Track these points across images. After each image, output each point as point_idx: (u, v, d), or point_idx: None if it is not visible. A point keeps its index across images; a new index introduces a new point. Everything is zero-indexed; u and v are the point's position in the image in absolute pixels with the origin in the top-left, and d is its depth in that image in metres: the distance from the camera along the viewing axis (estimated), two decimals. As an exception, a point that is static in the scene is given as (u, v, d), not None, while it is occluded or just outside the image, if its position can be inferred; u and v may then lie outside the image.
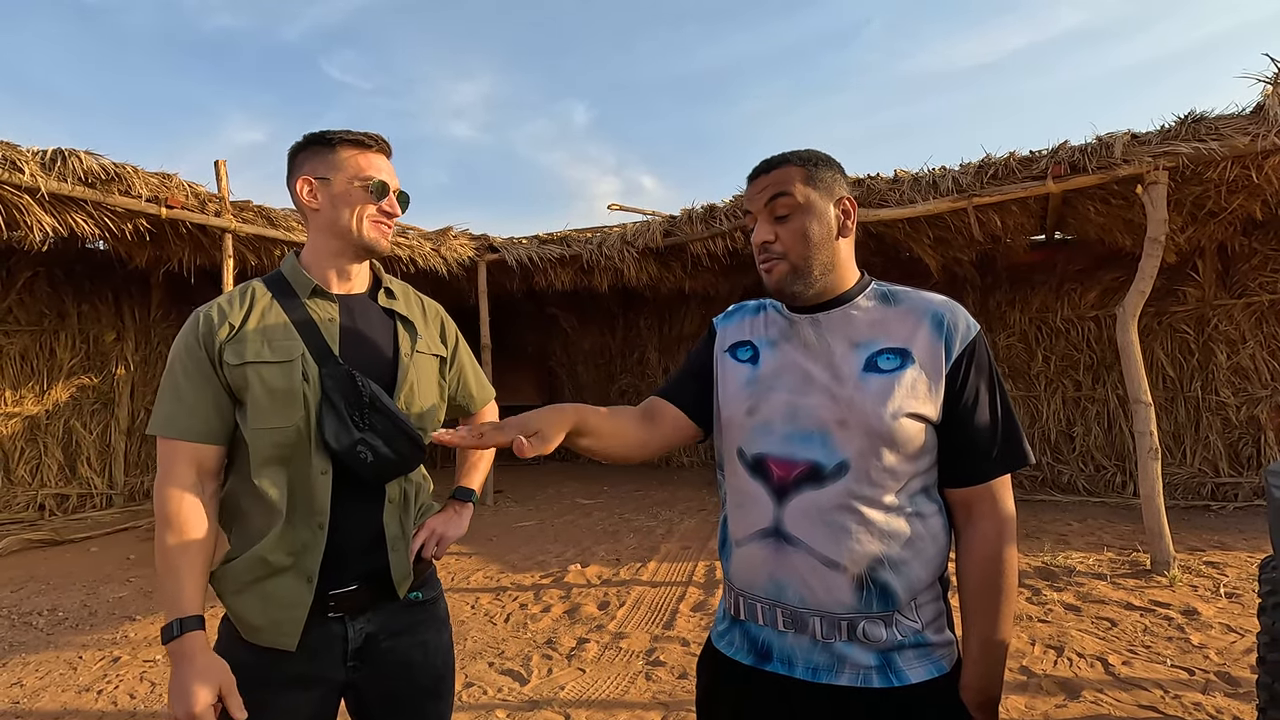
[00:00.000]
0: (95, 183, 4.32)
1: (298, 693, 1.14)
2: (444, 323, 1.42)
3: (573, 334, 10.16)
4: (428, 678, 1.27)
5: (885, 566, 0.97)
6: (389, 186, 1.25)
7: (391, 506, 1.23)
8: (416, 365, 1.29)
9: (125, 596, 4.20)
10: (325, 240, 1.25)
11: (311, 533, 1.14)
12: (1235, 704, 2.46)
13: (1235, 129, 4.03)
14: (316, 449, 1.15)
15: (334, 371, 1.16)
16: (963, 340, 1.02)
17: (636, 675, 2.91)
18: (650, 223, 6.63)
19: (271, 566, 1.13)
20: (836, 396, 1.00)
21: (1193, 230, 5.28)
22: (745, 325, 1.17)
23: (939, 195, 4.97)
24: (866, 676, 0.97)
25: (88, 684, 2.98)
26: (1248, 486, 5.79)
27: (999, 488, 1.02)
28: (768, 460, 1.02)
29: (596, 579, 4.33)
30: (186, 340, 1.16)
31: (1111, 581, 3.85)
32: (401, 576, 1.23)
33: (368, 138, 1.25)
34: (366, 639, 1.20)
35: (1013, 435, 1.02)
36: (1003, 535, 1.01)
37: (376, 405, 1.17)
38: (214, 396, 1.15)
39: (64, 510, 6.73)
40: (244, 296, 1.21)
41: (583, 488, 7.60)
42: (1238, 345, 5.97)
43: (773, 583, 1.01)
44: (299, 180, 1.23)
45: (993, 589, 1.00)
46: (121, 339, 7.28)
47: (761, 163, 1.09)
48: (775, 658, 1.02)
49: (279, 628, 1.13)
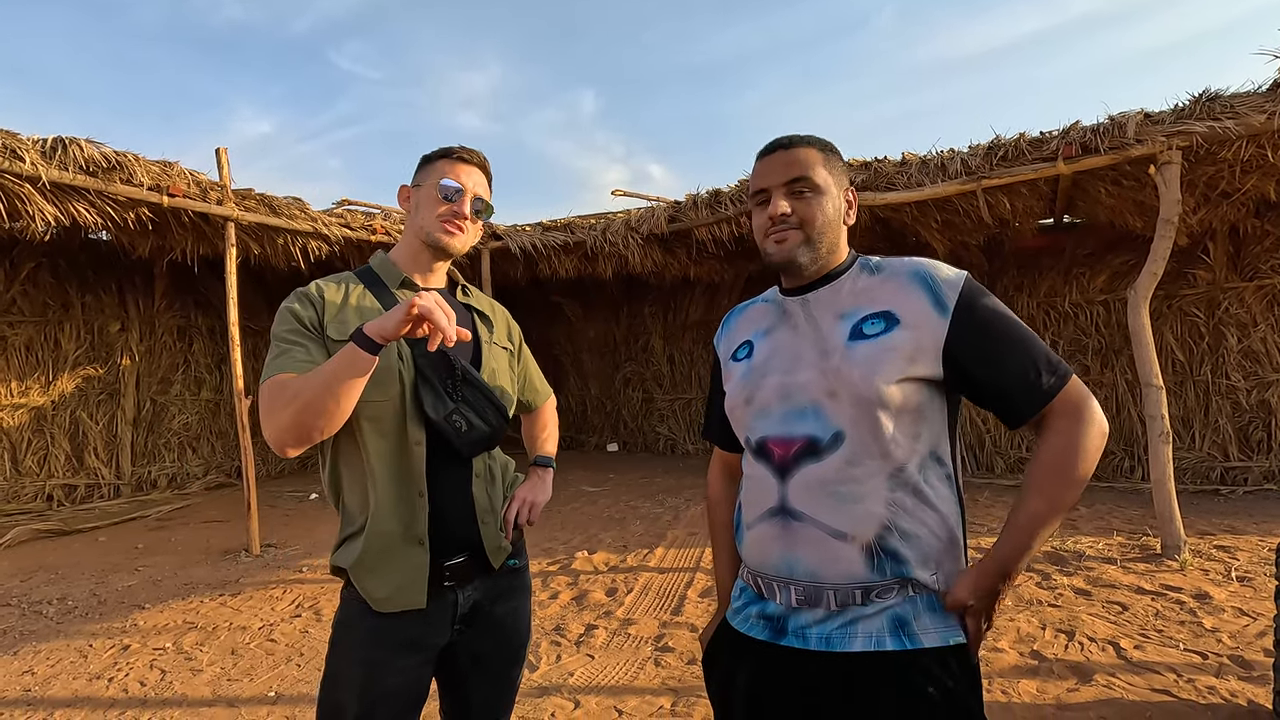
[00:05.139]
0: (96, 171, 4.29)
1: (410, 655, 1.23)
2: (510, 323, 1.54)
3: (577, 322, 10.14)
4: (515, 642, 1.38)
5: (894, 534, 0.96)
6: (463, 190, 1.32)
7: (479, 480, 1.31)
8: (493, 353, 1.40)
9: (134, 585, 4.22)
10: (409, 238, 1.36)
11: (414, 500, 1.23)
12: (1249, 687, 2.44)
13: (1251, 107, 3.96)
14: (412, 421, 1.23)
15: (425, 350, 1.21)
16: (953, 288, 1.02)
17: (645, 661, 2.91)
18: (655, 209, 6.57)
19: (387, 536, 1.21)
20: (824, 369, 1.01)
21: (1204, 212, 5.21)
22: (740, 327, 1.21)
23: (947, 178, 4.90)
24: (880, 640, 0.96)
25: (98, 672, 2.99)
26: (1258, 470, 5.76)
27: (1068, 400, 0.98)
28: (768, 442, 1.05)
29: (604, 566, 4.33)
30: (293, 308, 1.23)
31: (1122, 566, 3.83)
32: (494, 547, 1.32)
33: (460, 150, 1.34)
34: (474, 606, 1.30)
35: (1048, 355, 1.00)
36: (1081, 425, 0.96)
37: (468, 378, 1.28)
38: (321, 357, 1.20)
39: (72, 501, 6.76)
40: (340, 283, 1.31)
41: (589, 475, 7.60)
42: (1248, 328, 5.91)
43: (784, 560, 1.01)
44: (400, 187, 1.37)
45: (1058, 472, 0.95)
46: (126, 329, 7.29)
47: (777, 141, 1.11)
48: (790, 631, 1.01)
49: (406, 591, 1.22)
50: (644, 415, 9.65)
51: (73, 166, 4.19)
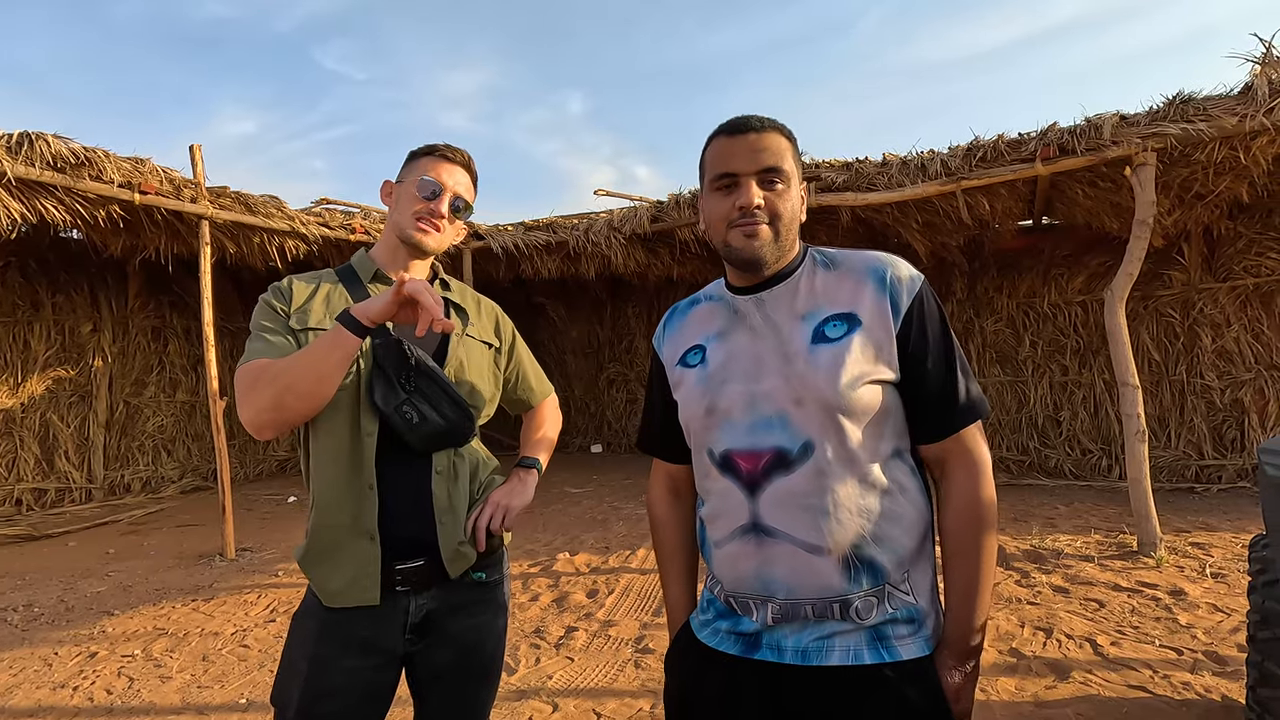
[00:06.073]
0: (65, 167, 4.18)
1: (357, 657, 1.19)
2: (499, 319, 1.51)
3: (561, 323, 10.09)
4: (477, 661, 1.30)
5: (869, 542, 0.93)
6: (442, 189, 1.30)
7: (440, 478, 1.26)
8: (466, 346, 1.35)
9: (104, 591, 4.12)
10: (388, 235, 1.35)
11: (363, 492, 1.21)
12: (1223, 682, 2.46)
13: (1224, 109, 4.02)
14: (365, 411, 1.21)
15: (385, 340, 1.23)
16: (909, 293, 0.99)
17: (625, 663, 2.88)
18: (637, 208, 6.54)
19: (336, 527, 1.20)
20: (788, 376, 0.96)
21: (1179, 213, 5.28)
22: (687, 329, 1.12)
23: (927, 179, 4.93)
24: (858, 653, 0.93)
25: (63, 680, 2.90)
26: (1231, 469, 5.85)
27: (970, 438, 0.99)
28: (733, 455, 0.99)
29: (585, 567, 4.29)
30: (269, 300, 1.27)
31: (1099, 563, 3.86)
32: (452, 553, 1.25)
33: (444, 148, 1.33)
34: (426, 615, 1.24)
35: (973, 384, 1.00)
36: (978, 479, 0.97)
37: (422, 369, 1.24)
38: (294, 348, 1.22)
39: (42, 505, 6.60)
40: (313, 278, 1.32)
41: (573, 476, 7.56)
42: (1222, 329, 6.01)
43: (759, 579, 0.97)
44: (384, 182, 1.37)
45: (972, 531, 0.96)
46: (99, 330, 7.14)
47: (746, 121, 1.01)
48: (764, 645, 0.98)
49: (358, 584, 1.19)
50: (628, 416, 9.62)
51: (39, 162, 4.08)
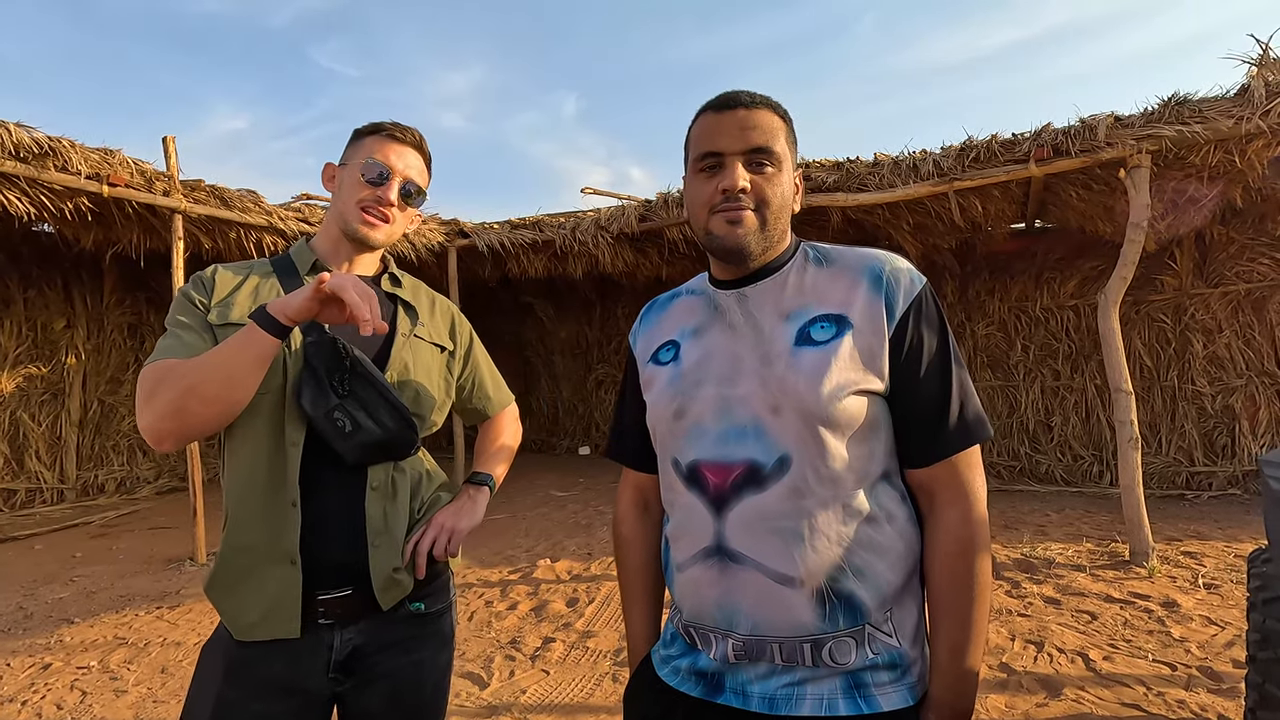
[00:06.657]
0: (28, 157, 4.02)
1: (275, 699, 1.05)
2: (455, 320, 1.37)
3: (549, 323, 9.97)
4: (414, 701, 1.15)
5: (847, 574, 0.82)
6: (390, 173, 1.18)
7: (375, 494, 1.12)
8: (413, 348, 1.23)
9: (65, 598, 3.97)
10: (329, 224, 1.23)
11: (284, 510, 1.06)
12: (1219, 701, 2.38)
13: (1219, 111, 3.95)
14: (291, 419, 1.08)
15: (319, 339, 1.10)
16: (906, 296, 0.88)
17: (603, 677, 2.77)
18: (625, 207, 6.42)
19: (251, 550, 1.06)
20: (766, 379, 0.86)
21: (1172, 218, 5.23)
22: (664, 323, 1.04)
23: (919, 179, 4.84)
24: (832, 703, 0.82)
25: (12, 694, 2.76)
26: (1222, 475, 5.80)
27: (963, 466, 0.87)
28: (701, 466, 0.88)
29: (566, 574, 4.18)
30: (187, 292, 1.13)
31: (1091, 573, 3.78)
32: (385, 581, 1.10)
33: (392, 126, 1.21)
34: (353, 651, 1.10)
35: (971, 403, 0.88)
36: (971, 523, 0.85)
37: (358, 370, 1.10)
38: (210, 345, 1.09)
39: (11, 506, 6.42)
40: (244, 267, 1.20)
41: (558, 479, 7.44)
42: (1214, 334, 5.96)
43: (721, 610, 0.86)
44: (325, 165, 1.24)
45: (962, 588, 0.85)
46: (72, 326, 6.96)
47: (734, 96, 0.92)
48: (728, 688, 0.87)
49: (276, 615, 1.05)
50: (616, 418, 9.51)
51: (1, 151, 3.93)
